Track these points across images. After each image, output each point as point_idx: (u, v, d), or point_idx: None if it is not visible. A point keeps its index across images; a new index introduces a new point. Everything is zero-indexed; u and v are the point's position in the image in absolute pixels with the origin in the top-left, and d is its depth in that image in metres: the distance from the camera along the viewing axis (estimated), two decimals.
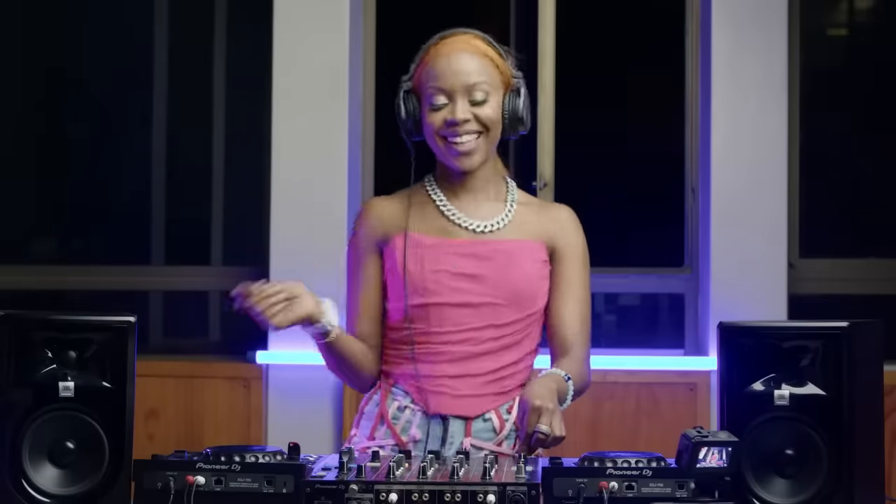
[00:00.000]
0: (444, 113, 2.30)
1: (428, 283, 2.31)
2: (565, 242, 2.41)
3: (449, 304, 2.32)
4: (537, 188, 4.22)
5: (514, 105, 2.34)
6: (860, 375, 1.97)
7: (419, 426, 2.32)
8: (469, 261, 2.33)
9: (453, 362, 2.33)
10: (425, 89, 2.32)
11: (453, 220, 2.36)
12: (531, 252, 2.36)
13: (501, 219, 2.38)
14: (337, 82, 4.16)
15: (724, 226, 4.07)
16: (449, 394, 2.32)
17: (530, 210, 2.42)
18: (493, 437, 2.33)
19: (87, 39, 4.79)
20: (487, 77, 2.31)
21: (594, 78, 4.68)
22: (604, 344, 4.50)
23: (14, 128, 4.78)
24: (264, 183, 4.25)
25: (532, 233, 2.38)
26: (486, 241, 2.35)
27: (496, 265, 2.33)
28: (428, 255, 2.33)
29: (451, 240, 2.35)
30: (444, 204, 2.38)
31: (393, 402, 2.36)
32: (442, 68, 2.30)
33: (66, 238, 4.85)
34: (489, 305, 2.32)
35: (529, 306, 2.35)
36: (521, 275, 2.34)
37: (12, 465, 1.94)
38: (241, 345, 4.31)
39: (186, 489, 1.87)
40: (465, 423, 2.32)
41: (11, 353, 1.96)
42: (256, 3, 4.35)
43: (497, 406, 2.35)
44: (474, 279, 2.32)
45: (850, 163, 4.62)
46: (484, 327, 2.32)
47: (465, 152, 2.32)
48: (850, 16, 4.82)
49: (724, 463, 1.88)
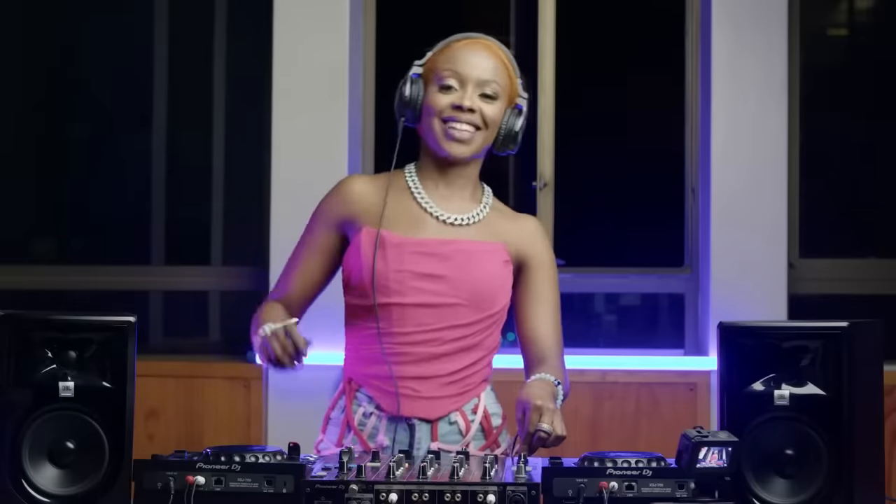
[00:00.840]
0: (453, 97, 2.32)
1: (391, 283, 2.31)
2: (534, 253, 2.41)
3: (411, 304, 2.31)
4: (537, 188, 4.22)
5: (512, 123, 2.37)
6: (860, 375, 1.97)
7: (386, 432, 2.33)
8: (432, 260, 2.33)
9: (416, 363, 2.33)
10: (439, 72, 2.34)
11: (426, 208, 2.37)
12: (493, 253, 2.36)
13: (472, 216, 2.38)
14: (337, 82, 4.16)
15: (724, 226, 4.07)
16: (412, 395, 2.32)
17: (501, 216, 2.43)
18: (460, 440, 2.34)
19: (87, 39, 4.79)
20: (500, 80, 2.35)
21: (594, 78, 4.68)
22: (604, 344, 4.51)
23: (14, 128, 4.78)
24: (264, 183, 4.25)
25: (496, 236, 2.39)
26: (450, 240, 2.35)
27: (458, 265, 2.33)
28: (391, 253, 2.32)
29: (416, 238, 2.34)
30: (419, 193, 2.38)
31: (358, 409, 2.36)
32: (462, 57, 2.34)
33: (66, 238, 4.85)
34: (450, 306, 2.32)
35: (489, 307, 2.35)
36: (483, 275, 2.34)
37: (12, 465, 1.94)
38: (241, 345, 4.31)
39: (186, 489, 1.87)
40: (431, 427, 2.33)
41: (11, 353, 1.96)
42: (256, 3, 4.35)
43: (460, 406, 2.35)
44: (436, 279, 2.32)
45: (850, 163, 4.62)
46: (445, 328, 2.32)
47: (461, 140, 2.33)
48: (850, 16, 4.82)
49: (724, 463, 1.88)
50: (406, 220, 2.36)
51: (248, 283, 4.44)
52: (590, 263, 4.29)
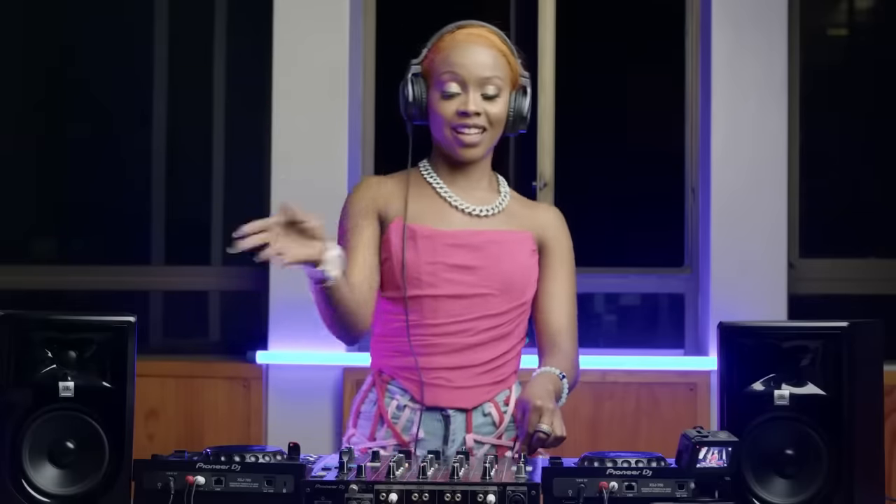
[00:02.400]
0: (457, 103, 2.32)
1: (423, 276, 2.32)
2: (553, 240, 2.43)
3: (444, 295, 2.32)
4: (537, 188, 4.22)
5: (520, 105, 2.38)
6: (860, 375, 1.97)
7: (421, 425, 2.32)
8: (463, 252, 2.34)
9: (449, 354, 2.33)
10: (438, 75, 2.34)
11: (450, 202, 2.38)
12: (522, 243, 2.38)
13: (495, 206, 2.40)
14: (337, 82, 4.16)
15: (724, 226, 4.08)
16: (447, 386, 2.33)
17: (522, 205, 2.46)
18: (494, 431, 2.34)
19: (87, 39, 4.79)
20: (500, 73, 2.34)
21: (594, 77, 4.68)
22: (604, 344, 4.50)
23: (14, 128, 4.78)
24: (264, 183, 4.25)
25: (522, 224, 2.41)
26: (480, 230, 2.36)
27: (489, 255, 2.34)
28: (423, 245, 2.33)
29: (446, 230, 2.35)
30: (441, 186, 2.39)
31: (391, 401, 2.35)
32: (458, 56, 2.33)
33: (66, 238, 4.85)
34: (482, 296, 2.33)
35: (520, 296, 2.37)
36: (514, 265, 2.36)
37: (12, 465, 1.94)
38: (241, 345, 4.31)
39: (186, 489, 1.87)
40: (466, 418, 2.33)
41: (11, 353, 1.96)
42: (256, 3, 4.35)
43: (493, 396, 2.35)
44: (468, 270, 2.33)
45: (850, 163, 4.62)
46: (477, 318, 2.33)
47: (471, 144, 2.34)
48: (850, 16, 4.82)
49: (724, 463, 1.88)
50: (432, 212, 2.37)
51: (248, 283, 4.44)
52: (590, 263, 4.29)
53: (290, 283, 4.06)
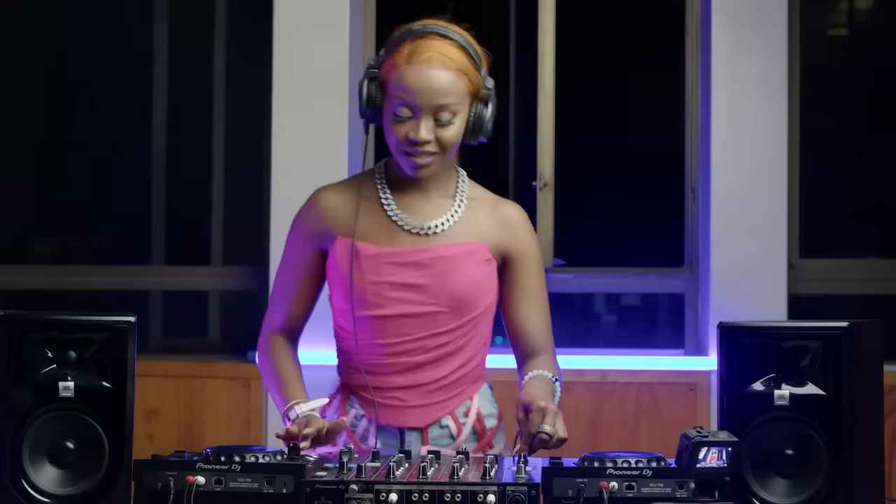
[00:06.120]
0: (407, 128, 2.24)
1: (368, 296, 2.29)
2: (519, 246, 2.37)
3: (390, 315, 2.29)
4: (537, 188, 4.22)
5: (480, 114, 2.28)
6: (860, 375, 1.97)
7: (376, 436, 2.33)
8: (409, 270, 2.30)
9: (400, 373, 2.31)
10: (391, 92, 2.25)
11: (397, 222, 2.33)
12: (473, 254, 2.32)
13: (448, 218, 2.34)
14: (337, 82, 4.16)
15: (724, 226, 4.07)
16: (399, 406, 2.32)
17: (481, 207, 2.37)
18: (451, 443, 2.33)
19: (87, 39, 4.79)
20: (457, 95, 2.24)
21: (594, 78, 4.68)
22: (604, 344, 4.51)
23: (14, 127, 4.78)
24: (264, 183, 4.25)
25: (478, 233, 2.34)
26: (428, 246, 2.31)
27: (436, 272, 2.29)
28: (367, 265, 2.30)
29: (392, 248, 2.31)
30: (389, 204, 2.34)
31: (350, 410, 2.37)
32: (411, 81, 2.22)
33: (66, 238, 4.85)
34: (430, 314, 2.29)
35: (471, 310, 2.31)
36: (462, 280, 2.30)
37: (12, 465, 1.94)
38: (241, 345, 4.31)
39: (186, 489, 1.87)
40: (421, 433, 2.32)
41: (11, 353, 1.96)
42: (256, 4, 4.35)
43: (452, 409, 2.34)
44: (413, 289, 2.29)
45: (850, 163, 4.62)
46: (426, 336, 2.30)
47: (420, 166, 2.27)
48: (850, 16, 4.82)
49: (724, 463, 1.88)
50: (379, 230, 2.33)
51: (248, 283, 4.44)
52: (590, 263, 4.29)
53: None
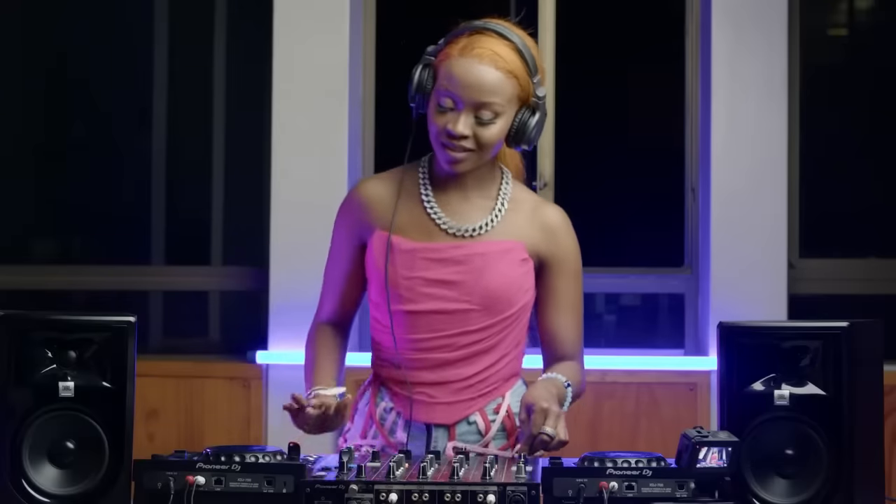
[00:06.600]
0: (447, 119, 2.22)
1: (401, 290, 2.28)
2: (558, 252, 2.35)
3: (423, 311, 2.29)
4: (537, 188, 4.22)
5: (525, 121, 2.25)
6: (860, 375, 1.97)
7: (404, 429, 2.32)
8: (444, 266, 2.28)
9: (430, 369, 2.31)
10: (440, 83, 2.24)
11: (435, 220, 2.31)
12: (509, 252, 2.30)
13: (488, 222, 2.31)
14: (337, 82, 4.16)
15: (724, 226, 4.07)
16: (427, 401, 2.31)
17: (522, 210, 2.35)
18: (479, 440, 2.31)
19: (87, 39, 4.79)
20: (502, 96, 2.22)
21: (594, 78, 4.68)
22: (604, 344, 4.50)
23: (14, 128, 4.78)
24: (264, 183, 4.25)
25: (516, 234, 2.32)
26: (464, 243, 2.29)
27: (471, 269, 2.28)
28: (401, 259, 2.29)
29: (429, 243, 2.30)
30: (429, 202, 2.32)
31: (381, 403, 2.36)
32: (459, 73, 2.20)
33: (66, 238, 4.85)
34: (462, 311, 2.28)
35: (504, 310, 2.29)
36: (497, 279, 2.28)
37: (12, 465, 1.94)
38: (241, 345, 4.31)
39: (186, 489, 1.87)
40: (449, 429, 2.31)
41: (11, 353, 1.96)
42: (256, 4, 4.35)
43: (481, 407, 2.33)
44: (447, 285, 2.28)
45: (850, 162, 4.62)
46: (458, 334, 2.29)
47: (455, 160, 2.25)
48: (850, 16, 4.82)
49: (724, 463, 1.88)
50: (417, 225, 2.32)
51: (248, 283, 4.44)
52: (590, 263, 4.28)
53: (290, 283, 4.06)
